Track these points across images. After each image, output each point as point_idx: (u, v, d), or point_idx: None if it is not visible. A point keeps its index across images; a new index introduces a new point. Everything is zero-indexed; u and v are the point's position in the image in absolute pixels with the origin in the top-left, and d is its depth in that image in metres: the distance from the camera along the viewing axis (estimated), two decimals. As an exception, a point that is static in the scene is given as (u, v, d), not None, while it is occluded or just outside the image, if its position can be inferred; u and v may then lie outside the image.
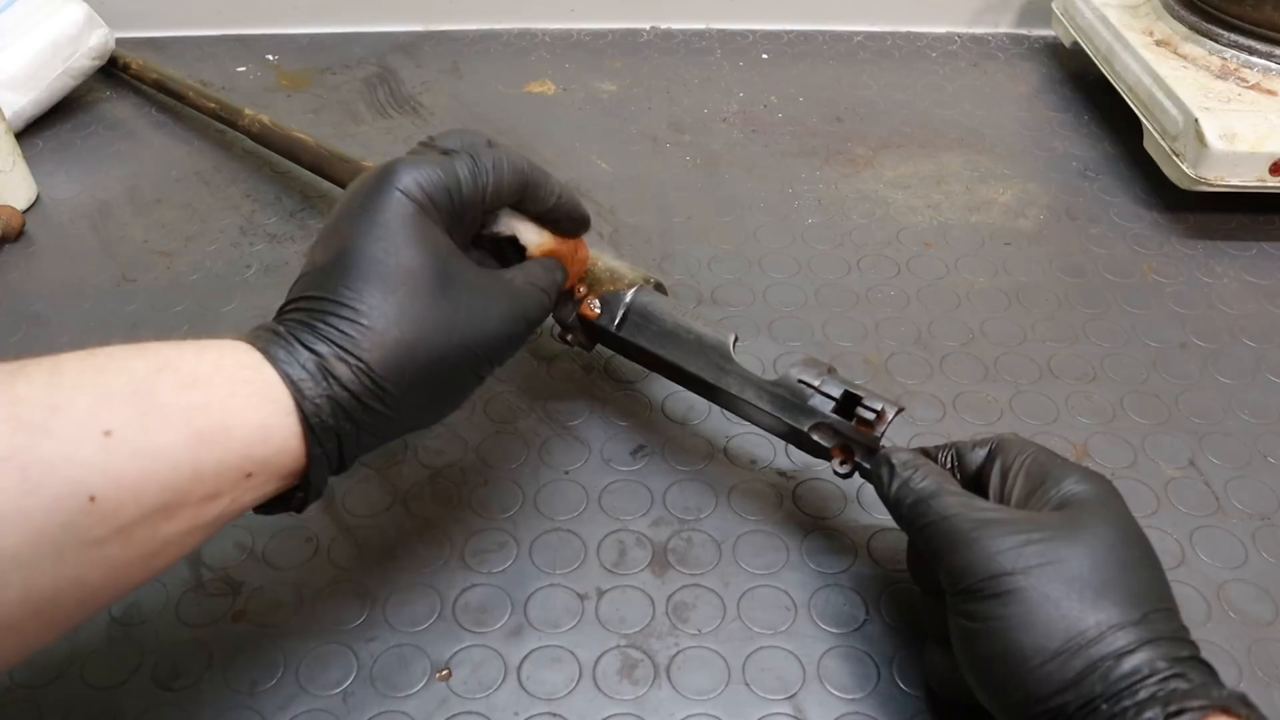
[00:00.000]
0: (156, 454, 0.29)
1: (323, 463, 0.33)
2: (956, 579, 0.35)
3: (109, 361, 0.30)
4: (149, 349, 0.31)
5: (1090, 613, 0.33)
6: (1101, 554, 0.34)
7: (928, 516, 0.37)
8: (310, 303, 0.34)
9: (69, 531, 0.27)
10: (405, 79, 0.88)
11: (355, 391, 0.33)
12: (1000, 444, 0.41)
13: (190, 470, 0.30)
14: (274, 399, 0.32)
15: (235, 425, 0.31)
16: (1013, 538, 0.35)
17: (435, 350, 0.35)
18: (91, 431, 0.28)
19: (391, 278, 0.34)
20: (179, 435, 0.29)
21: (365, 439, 0.35)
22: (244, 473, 0.31)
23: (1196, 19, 0.74)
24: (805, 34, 0.95)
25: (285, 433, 0.32)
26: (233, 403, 0.31)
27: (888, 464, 0.40)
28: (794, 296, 0.62)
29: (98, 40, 0.81)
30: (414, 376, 0.35)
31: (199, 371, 0.31)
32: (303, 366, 0.32)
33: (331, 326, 0.33)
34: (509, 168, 0.40)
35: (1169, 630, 0.33)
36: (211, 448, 0.30)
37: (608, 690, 0.41)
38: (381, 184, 0.36)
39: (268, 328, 0.34)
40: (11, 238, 0.68)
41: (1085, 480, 0.37)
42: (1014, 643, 0.33)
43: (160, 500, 0.29)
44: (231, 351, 0.32)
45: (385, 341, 0.34)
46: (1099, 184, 0.74)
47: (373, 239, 0.35)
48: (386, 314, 0.34)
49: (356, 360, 0.33)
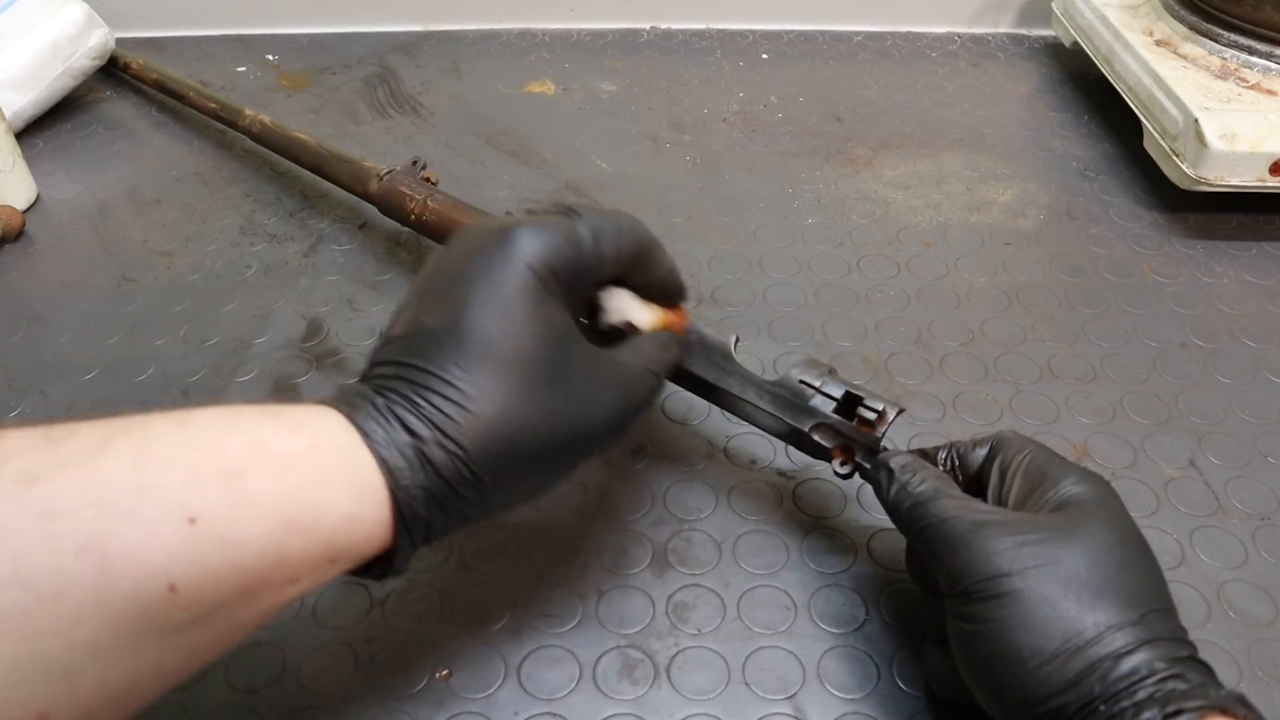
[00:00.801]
0: (242, 543, 0.28)
1: (408, 548, 0.32)
2: (954, 581, 0.35)
3: (202, 436, 0.29)
4: (242, 420, 0.30)
5: (1088, 613, 0.33)
6: (1098, 555, 0.34)
7: (925, 519, 0.37)
8: (414, 373, 0.32)
9: (147, 621, 0.26)
10: (405, 79, 0.88)
11: (450, 480, 0.31)
12: (999, 442, 0.41)
13: (275, 558, 0.28)
14: (367, 488, 0.30)
15: (325, 513, 0.29)
16: (1009, 539, 0.35)
17: (538, 443, 0.33)
18: (178, 518, 0.27)
19: (506, 360, 0.32)
20: (267, 524, 0.28)
21: (450, 523, 0.33)
22: (328, 559, 0.30)
23: (1196, 19, 0.74)
24: (805, 34, 0.95)
25: (374, 520, 0.31)
26: (325, 490, 0.29)
27: (886, 468, 0.40)
28: (794, 296, 0.62)
29: (98, 40, 0.81)
30: (512, 467, 0.33)
31: (292, 453, 0.29)
32: (400, 451, 0.31)
33: (434, 407, 0.31)
34: (630, 233, 0.38)
35: (1167, 631, 0.33)
36: (298, 535, 0.29)
37: (608, 690, 0.41)
38: (506, 251, 0.34)
39: (364, 396, 0.32)
40: (11, 238, 0.68)
41: (1083, 481, 0.37)
42: (1012, 644, 0.33)
43: (241, 587, 0.28)
44: (325, 428, 0.31)
45: (489, 430, 0.32)
46: (1099, 184, 0.74)
47: (491, 314, 0.33)
48: (495, 400, 0.32)
49: (457, 448, 0.31)
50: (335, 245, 0.67)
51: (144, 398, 0.55)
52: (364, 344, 0.59)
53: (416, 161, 0.62)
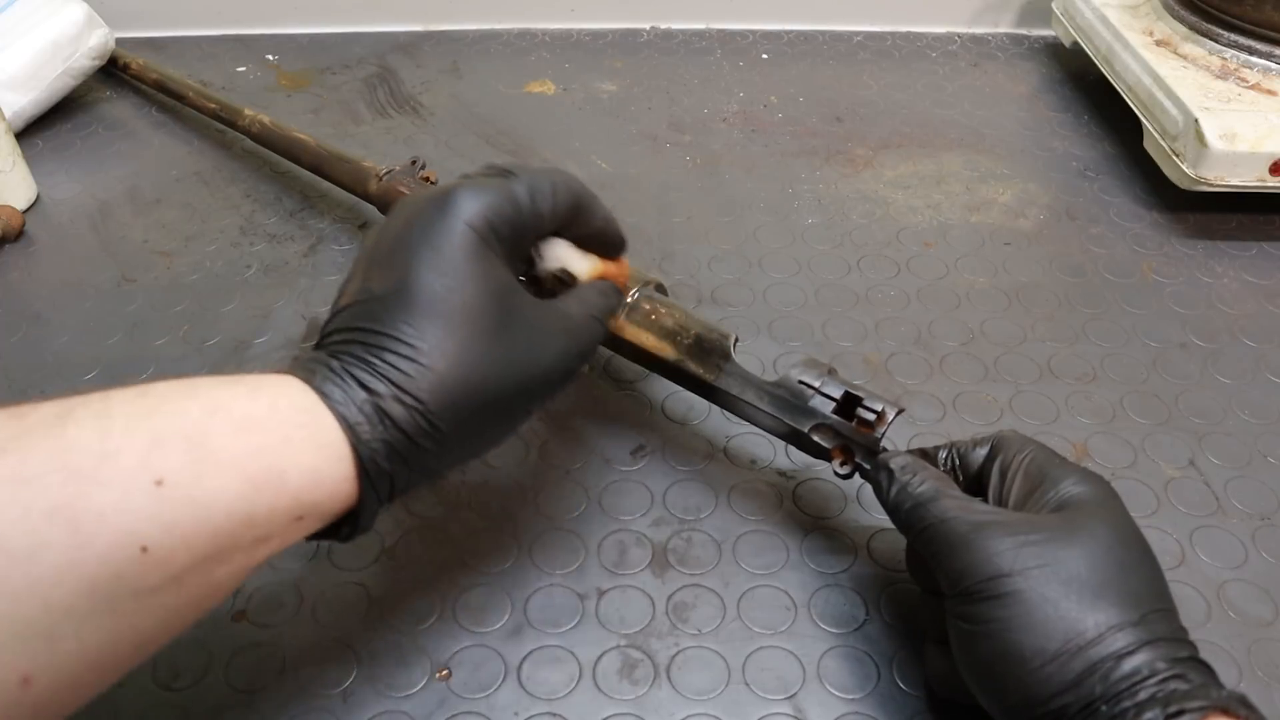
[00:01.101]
0: (209, 502, 0.28)
1: (373, 503, 0.33)
2: (955, 581, 0.35)
3: (161, 403, 0.29)
4: (200, 388, 0.30)
5: (1089, 614, 0.33)
6: (1099, 555, 0.34)
7: (926, 520, 0.37)
8: (366, 335, 0.33)
9: (121, 582, 0.27)
10: (405, 79, 0.88)
11: (410, 433, 0.32)
12: (999, 442, 0.41)
13: (243, 516, 0.29)
14: (328, 443, 0.31)
15: (289, 470, 0.30)
16: (1010, 539, 0.35)
17: (491, 390, 0.34)
18: (143, 480, 0.27)
19: (454, 315, 0.33)
20: (232, 482, 0.29)
21: (414, 477, 0.34)
22: (295, 516, 0.31)
23: (1196, 19, 0.74)
24: (805, 34, 0.95)
25: (338, 476, 0.31)
26: (287, 447, 0.30)
27: (886, 469, 0.40)
28: (794, 296, 0.62)
29: (98, 40, 0.81)
30: (469, 416, 0.34)
31: (253, 414, 0.30)
32: (359, 408, 0.32)
33: (389, 364, 0.32)
34: (565, 188, 0.39)
35: (1168, 631, 0.33)
36: (264, 493, 0.29)
37: (608, 690, 0.41)
38: (445, 212, 0.35)
39: (320, 360, 0.33)
40: (11, 238, 0.68)
41: (1083, 481, 0.37)
42: (1013, 644, 0.33)
43: (212, 546, 0.28)
44: (285, 392, 0.31)
45: (444, 382, 0.33)
46: (1099, 184, 0.74)
47: (436, 272, 0.34)
48: (447, 353, 0.33)
49: (414, 401, 0.32)
50: (335, 245, 0.67)
51: (144, 398, 0.55)
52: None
53: (415, 161, 0.62)
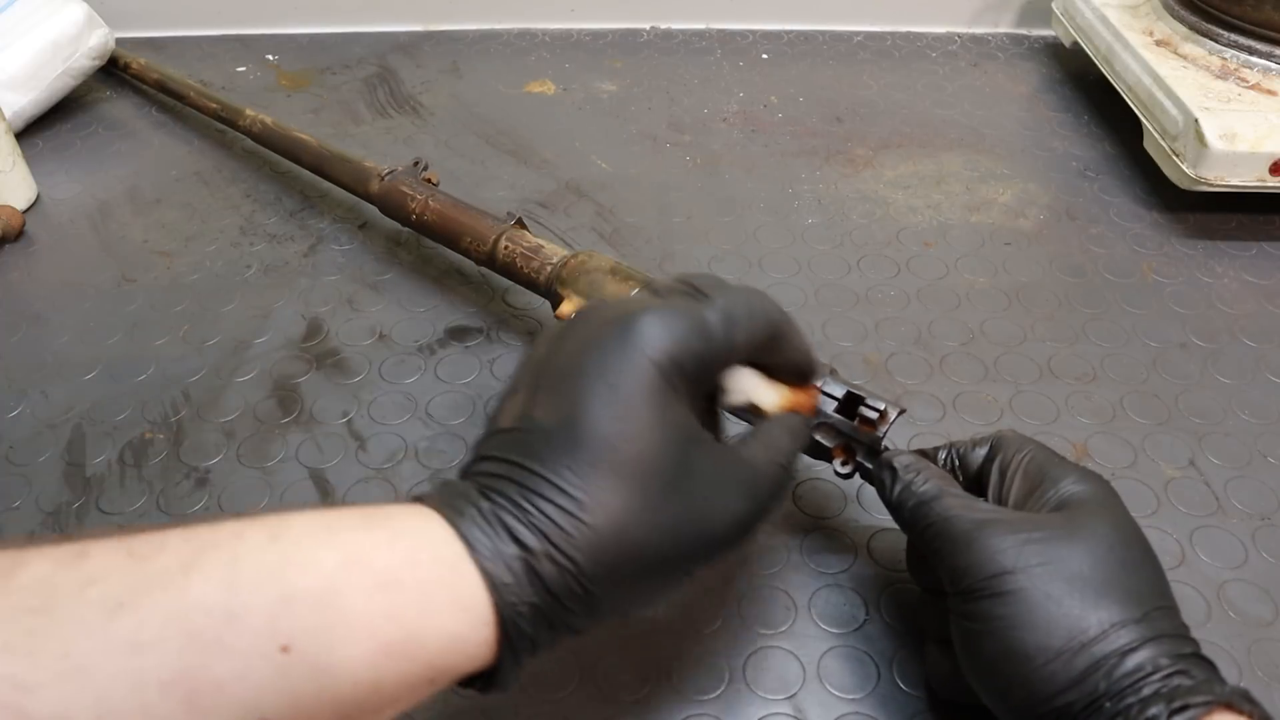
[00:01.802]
0: (337, 671, 0.26)
1: (512, 666, 0.30)
2: (958, 579, 0.35)
3: (294, 552, 0.26)
4: (337, 531, 0.27)
5: (1092, 611, 0.33)
6: (1101, 553, 0.34)
7: (929, 518, 0.37)
8: (523, 475, 0.29)
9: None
10: (405, 79, 0.88)
11: (560, 596, 0.29)
12: (998, 442, 0.41)
13: (371, 684, 0.26)
14: (471, 606, 0.28)
15: (426, 636, 0.27)
16: (1013, 537, 0.35)
17: (656, 553, 0.30)
18: (269, 647, 0.25)
19: (624, 466, 0.29)
20: (364, 649, 0.26)
21: (556, 638, 0.31)
22: (428, 680, 0.28)
23: (1196, 19, 0.74)
24: (805, 34, 0.95)
25: (478, 640, 0.28)
26: (426, 609, 0.27)
27: (890, 467, 0.40)
28: (794, 296, 0.62)
29: (98, 40, 0.81)
30: (626, 581, 0.30)
31: (390, 567, 0.27)
32: (507, 565, 0.28)
33: (545, 515, 0.29)
34: (762, 315, 0.35)
35: (1170, 628, 0.33)
36: (397, 660, 0.27)
37: (609, 690, 0.41)
38: (628, 342, 0.31)
39: (468, 497, 0.30)
40: (11, 238, 0.68)
41: (1083, 480, 0.37)
42: (1017, 642, 0.33)
43: (335, 716, 0.26)
44: (427, 539, 0.28)
45: (604, 543, 0.29)
46: (1099, 184, 0.74)
47: (609, 414, 0.30)
48: (611, 510, 0.29)
49: (568, 562, 0.28)
50: (335, 245, 0.67)
51: (144, 397, 0.55)
52: (364, 344, 0.59)
53: (418, 162, 0.62)
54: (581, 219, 0.69)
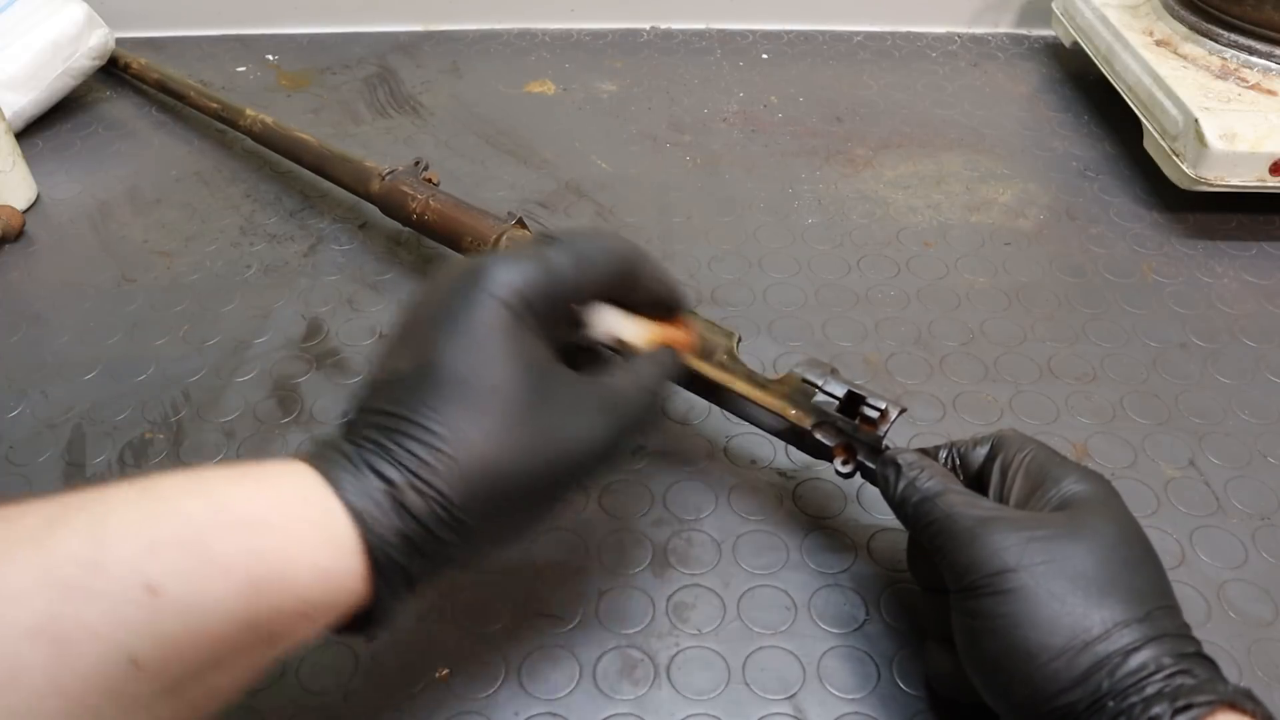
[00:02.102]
0: (207, 608, 0.26)
1: (389, 599, 0.31)
2: (960, 576, 0.35)
3: (159, 504, 0.27)
4: (203, 483, 0.28)
5: (1095, 610, 0.33)
6: (1104, 552, 0.34)
7: (932, 515, 0.37)
8: (386, 419, 0.31)
9: (110, 698, 0.25)
10: (405, 79, 0.88)
11: (429, 525, 0.30)
12: (1000, 441, 0.41)
13: (244, 622, 0.27)
14: (338, 538, 0.29)
15: (295, 571, 0.28)
16: (1016, 535, 0.35)
17: (520, 480, 0.32)
18: (136, 588, 0.25)
19: (479, 399, 0.31)
20: (233, 586, 0.27)
21: (436, 568, 0.32)
22: (303, 615, 0.29)
23: (1196, 19, 0.74)
24: (805, 34, 0.95)
25: (349, 573, 0.29)
26: (293, 546, 0.28)
27: (893, 464, 0.40)
28: (794, 296, 0.62)
29: (98, 40, 0.81)
30: (494, 506, 0.32)
31: (256, 511, 0.28)
32: (372, 499, 0.30)
33: (408, 451, 0.30)
34: (611, 254, 0.37)
35: (1173, 627, 0.33)
36: (267, 596, 0.27)
37: (608, 690, 0.41)
38: (474, 285, 0.33)
39: (334, 445, 0.31)
40: (11, 238, 0.68)
41: (1084, 480, 0.37)
42: (1020, 640, 0.33)
43: (211, 655, 0.27)
44: (294, 484, 0.30)
45: (466, 471, 0.31)
46: (1099, 184, 0.74)
47: (461, 353, 0.32)
48: (470, 440, 0.31)
49: (433, 492, 0.30)
50: (335, 245, 0.67)
51: (144, 397, 0.55)
52: (364, 344, 0.59)
53: (419, 162, 0.62)
54: (581, 219, 0.69)
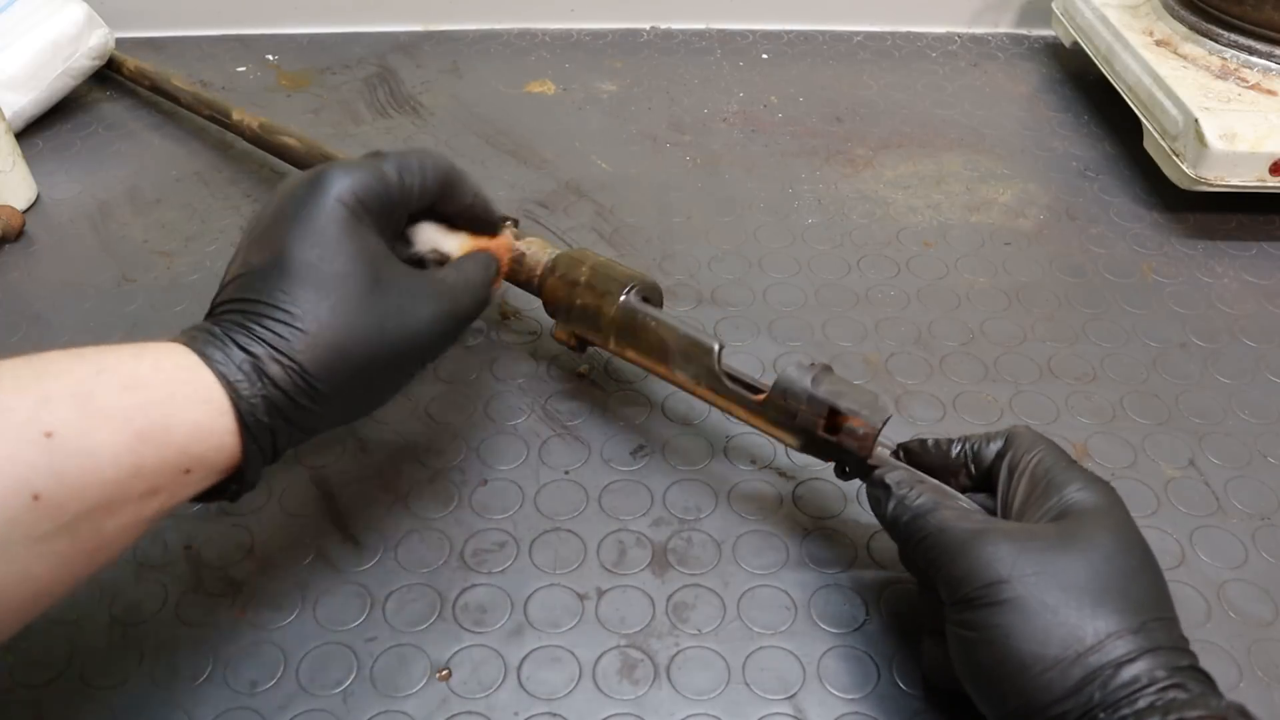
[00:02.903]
0: (97, 453, 0.30)
1: (257, 457, 0.35)
2: (954, 588, 0.35)
3: (48, 365, 0.31)
4: (87, 353, 0.32)
5: (1089, 621, 0.33)
6: (1099, 562, 0.34)
7: (924, 530, 0.37)
8: (245, 305, 0.36)
9: (15, 528, 0.28)
10: (405, 79, 0.88)
11: (288, 391, 0.35)
12: (1011, 439, 0.40)
13: (131, 468, 0.31)
14: (210, 399, 0.33)
15: (174, 425, 0.32)
16: (1009, 545, 0.35)
17: (366, 351, 0.37)
18: (33, 432, 0.29)
19: (325, 282, 0.36)
20: (119, 435, 0.31)
21: (297, 434, 0.37)
22: (182, 469, 0.33)
23: (1196, 19, 0.74)
24: (805, 34, 0.95)
25: (221, 430, 0.34)
26: (171, 403, 0.32)
27: (883, 485, 0.40)
28: (794, 296, 0.62)
29: (98, 40, 0.81)
30: (345, 375, 0.36)
31: (138, 374, 0.32)
32: (238, 368, 0.34)
33: (266, 329, 0.35)
34: (432, 166, 0.42)
35: (1168, 639, 0.33)
36: (151, 446, 0.31)
37: (608, 690, 0.41)
38: (316, 189, 0.38)
39: (203, 329, 0.35)
40: (11, 238, 0.68)
41: (1087, 487, 0.37)
42: (1012, 651, 0.33)
43: (103, 496, 0.30)
44: (169, 354, 0.34)
45: (318, 344, 0.35)
46: (1099, 184, 0.74)
47: (308, 245, 0.36)
48: (320, 317, 0.36)
49: (290, 362, 0.35)
50: (335, 245, 0.67)
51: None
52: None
53: None
54: (581, 219, 0.69)
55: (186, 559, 0.46)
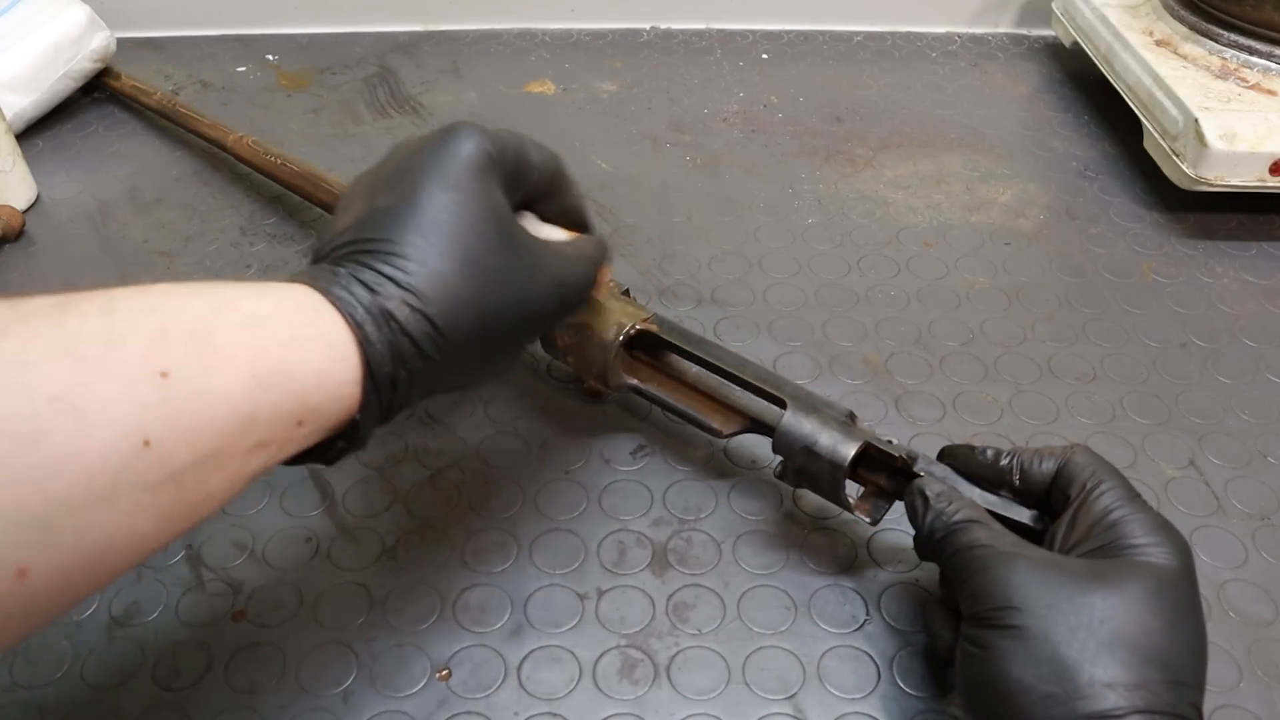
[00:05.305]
0: (214, 397, 0.27)
1: (375, 411, 0.33)
2: (970, 604, 0.36)
3: (165, 299, 0.28)
4: (206, 288, 0.30)
5: (1089, 665, 0.32)
6: (1118, 608, 0.33)
7: (956, 545, 0.37)
8: (372, 244, 0.33)
9: (122, 476, 0.25)
10: (405, 79, 0.88)
11: (416, 338, 0.32)
12: (1070, 465, 0.39)
13: (246, 415, 0.28)
14: (335, 343, 0.31)
15: (294, 369, 0.29)
16: (1029, 574, 0.34)
17: (493, 304, 0.35)
18: (148, 371, 0.26)
19: (459, 227, 0.34)
20: (237, 378, 0.28)
21: (415, 390, 0.34)
22: (296, 420, 0.30)
23: (1196, 19, 0.74)
24: (805, 34, 0.95)
25: (343, 378, 0.31)
26: (293, 345, 0.30)
27: (921, 496, 0.40)
28: (794, 296, 0.62)
29: (99, 43, 0.81)
30: (471, 328, 0.34)
31: (259, 312, 0.30)
32: (366, 310, 0.31)
33: (396, 268, 0.32)
34: (551, 155, 0.41)
35: (1170, 704, 0.31)
36: (269, 392, 0.29)
37: (608, 690, 0.41)
38: (452, 138, 0.36)
39: (324, 269, 0.33)
40: (11, 238, 0.68)
41: (1151, 533, 0.35)
42: (1003, 674, 0.33)
43: (213, 446, 0.28)
44: (292, 294, 0.31)
45: (449, 290, 0.33)
46: (1099, 184, 0.74)
47: (443, 188, 0.34)
48: (454, 262, 0.33)
49: (420, 304, 0.32)
50: (335, 245, 0.67)
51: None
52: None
53: None
54: (581, 219, 0.69)
55: (186, 559, 0.46)
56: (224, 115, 0.78)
